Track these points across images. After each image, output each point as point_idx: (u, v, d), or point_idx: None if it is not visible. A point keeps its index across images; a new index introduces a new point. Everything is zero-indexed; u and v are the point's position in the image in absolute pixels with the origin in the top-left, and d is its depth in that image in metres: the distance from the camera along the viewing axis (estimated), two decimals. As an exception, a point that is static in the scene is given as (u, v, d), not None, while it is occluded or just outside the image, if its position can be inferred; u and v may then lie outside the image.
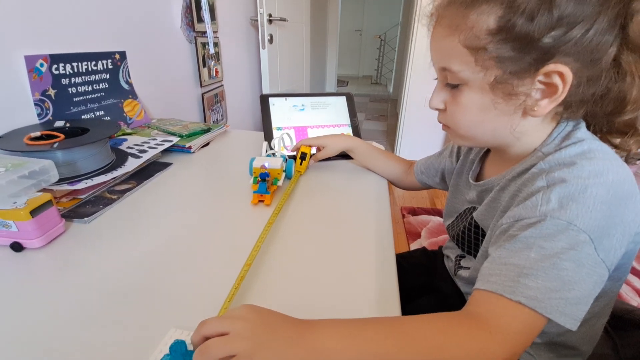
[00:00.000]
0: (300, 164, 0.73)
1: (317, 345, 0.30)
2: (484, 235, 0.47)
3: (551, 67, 0.36)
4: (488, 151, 0.54)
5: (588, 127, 0.42)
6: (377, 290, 0.42)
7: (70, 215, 0.55)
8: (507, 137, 0.43)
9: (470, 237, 0.52)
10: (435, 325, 0.33)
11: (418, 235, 1.79)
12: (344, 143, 0.75)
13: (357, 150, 0.75)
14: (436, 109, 0.47)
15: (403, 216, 1.96)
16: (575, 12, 0.34)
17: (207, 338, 0.30)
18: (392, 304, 0.40)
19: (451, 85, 0.43)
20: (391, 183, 0.76)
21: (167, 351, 0.32)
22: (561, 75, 0.36)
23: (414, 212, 2.00)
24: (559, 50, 0.36)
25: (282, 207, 0.58)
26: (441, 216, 1.95)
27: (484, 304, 0.34)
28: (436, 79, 0.46)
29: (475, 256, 0.51)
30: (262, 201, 0.61)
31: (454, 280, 0.60)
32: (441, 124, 0.48)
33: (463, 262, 0.56)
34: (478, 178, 0.54)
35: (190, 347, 0.32)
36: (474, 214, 0.50)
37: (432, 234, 1.81)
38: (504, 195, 0.44)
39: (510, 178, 0.44)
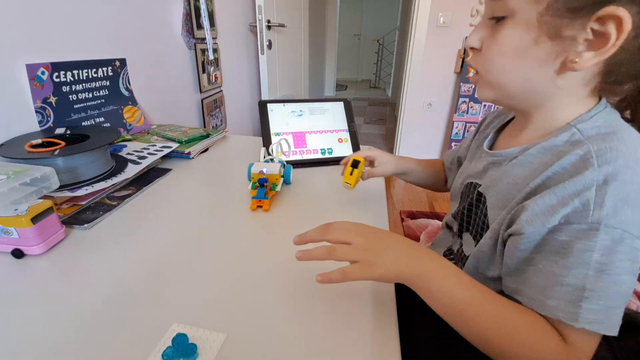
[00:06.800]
0: (351, 173, 0.62)
1: (427, 273, 0.36)
2: (486, 215, 0.46)
3: (611, 9, 0.32)
4: (504, 126, 0.52)
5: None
6: (376, 293, 0.43)
7: (70, 221, 0.55)
8: (539, 91, 0.40)
9: (471, 213, 0.50)
10: (523, 318, 0.35)
11: (417, 239, 1.79)
12: (396, 168, 0.69)
13: (412, 173, 0.71)
14: (471, 48, 0.43)
15: (402, 220, 1.96)
16: None
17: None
18: (389, 307, 0.41)
19: (496, 18, 0.40)
20: (435, 191, 0.76)
21: (170, 344, 0.34)
22: (619, 21, 0.32)
23: (413, 215, 2.01)
24: None
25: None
26: (440, 220, 1.95)
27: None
28: (472, 25, 0.45)
29: (474, 236, 0.50)
30: (261, 206, 0.62)
31: None
32: (470, 75, 0.47)
33: (465, 248, 0.53)
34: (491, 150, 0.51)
35: (191, 341, 0.34)
36: (481, 189, 0.48)
37: (431, 237, 1.81)
38: (521, 170, 0.42)
39: (535, 153, 0.41)
